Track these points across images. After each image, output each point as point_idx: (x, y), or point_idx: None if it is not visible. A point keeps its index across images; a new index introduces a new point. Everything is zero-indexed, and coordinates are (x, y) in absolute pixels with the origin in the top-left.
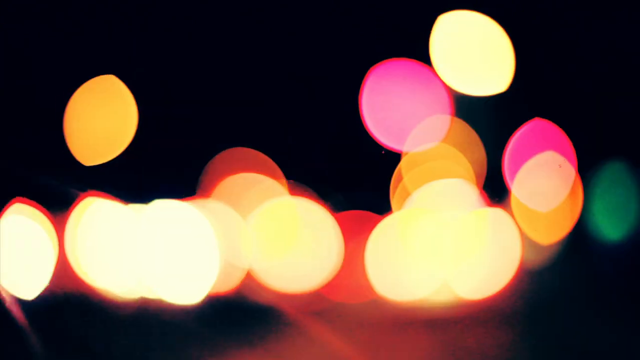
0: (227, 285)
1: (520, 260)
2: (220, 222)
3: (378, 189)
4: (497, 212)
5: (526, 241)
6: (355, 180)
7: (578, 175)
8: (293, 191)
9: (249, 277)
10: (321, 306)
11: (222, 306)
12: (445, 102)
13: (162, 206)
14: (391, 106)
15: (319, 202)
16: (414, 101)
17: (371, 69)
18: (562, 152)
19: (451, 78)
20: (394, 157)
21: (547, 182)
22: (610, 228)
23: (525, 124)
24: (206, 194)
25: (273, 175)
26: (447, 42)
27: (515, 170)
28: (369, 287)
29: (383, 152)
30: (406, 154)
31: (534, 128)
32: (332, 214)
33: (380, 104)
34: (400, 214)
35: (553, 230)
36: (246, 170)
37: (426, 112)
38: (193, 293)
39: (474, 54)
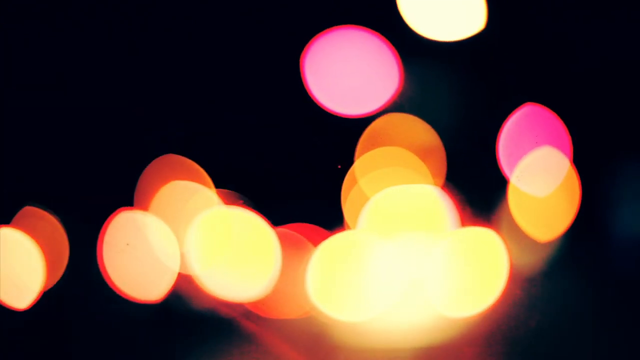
0: (162, 292)
1: (506, 281)
2: (158, 230)
3: (330, 197)
4: (480, 230)
5: (520, 247)
6: (303, 187)
7: (574, 167)
8: (229, 201)
9: (186, 284)
10: (258, 320)
11: (161, 313)
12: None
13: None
14: (339, 76)
15: (257, 214)
16: (363, 68)
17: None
18: (558, 142)
19: (420, 22)
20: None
21: (544, 172)
22: (615, 226)
23: (516, 110)
24: (142, 203)
25: (208, 184)
26: None
27: (512, 163)
28: (310, 304)
29: (340, 166)
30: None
31: (527, 116)
32: (272, 227)
33: (327, 76)
34: (353, 232)
35: (552, 224)
36: (180, 179)
37: (375, 76)
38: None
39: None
